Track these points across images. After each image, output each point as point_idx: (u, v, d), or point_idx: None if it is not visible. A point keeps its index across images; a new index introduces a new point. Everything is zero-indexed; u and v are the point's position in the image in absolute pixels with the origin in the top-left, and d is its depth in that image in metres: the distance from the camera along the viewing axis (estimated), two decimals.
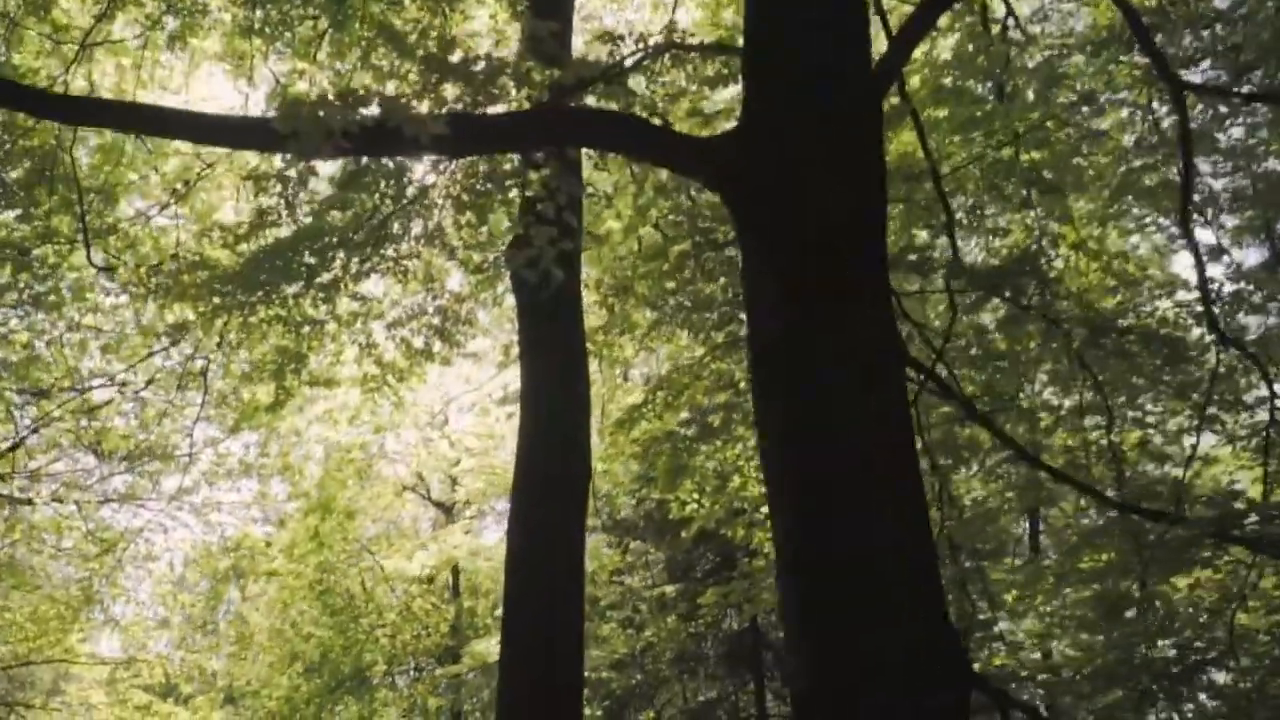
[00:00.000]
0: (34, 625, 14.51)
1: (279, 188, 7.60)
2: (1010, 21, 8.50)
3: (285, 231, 8.26)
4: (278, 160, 7.55)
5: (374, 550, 21.82)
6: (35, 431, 15.03)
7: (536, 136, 5.93)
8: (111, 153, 11.55)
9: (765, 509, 10.44)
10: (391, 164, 7.86)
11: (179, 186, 11.05)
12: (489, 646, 15.37)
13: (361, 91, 5.40)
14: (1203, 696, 8.32)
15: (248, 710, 21.35)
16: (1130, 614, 7.62)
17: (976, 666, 7.88)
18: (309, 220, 8.11)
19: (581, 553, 8.37)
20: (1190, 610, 7.64)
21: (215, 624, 19.37)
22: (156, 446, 13.50)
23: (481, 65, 6.57)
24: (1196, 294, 8.91)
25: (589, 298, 9.82)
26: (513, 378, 15.17)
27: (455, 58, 6.63)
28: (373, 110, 5.80)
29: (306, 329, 8.77)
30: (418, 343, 9.66)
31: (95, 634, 18.14)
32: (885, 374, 4.99)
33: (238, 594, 19.79)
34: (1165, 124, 8.64)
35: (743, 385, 8.79)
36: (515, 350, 11.49)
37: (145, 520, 14.12)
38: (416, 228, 8.26)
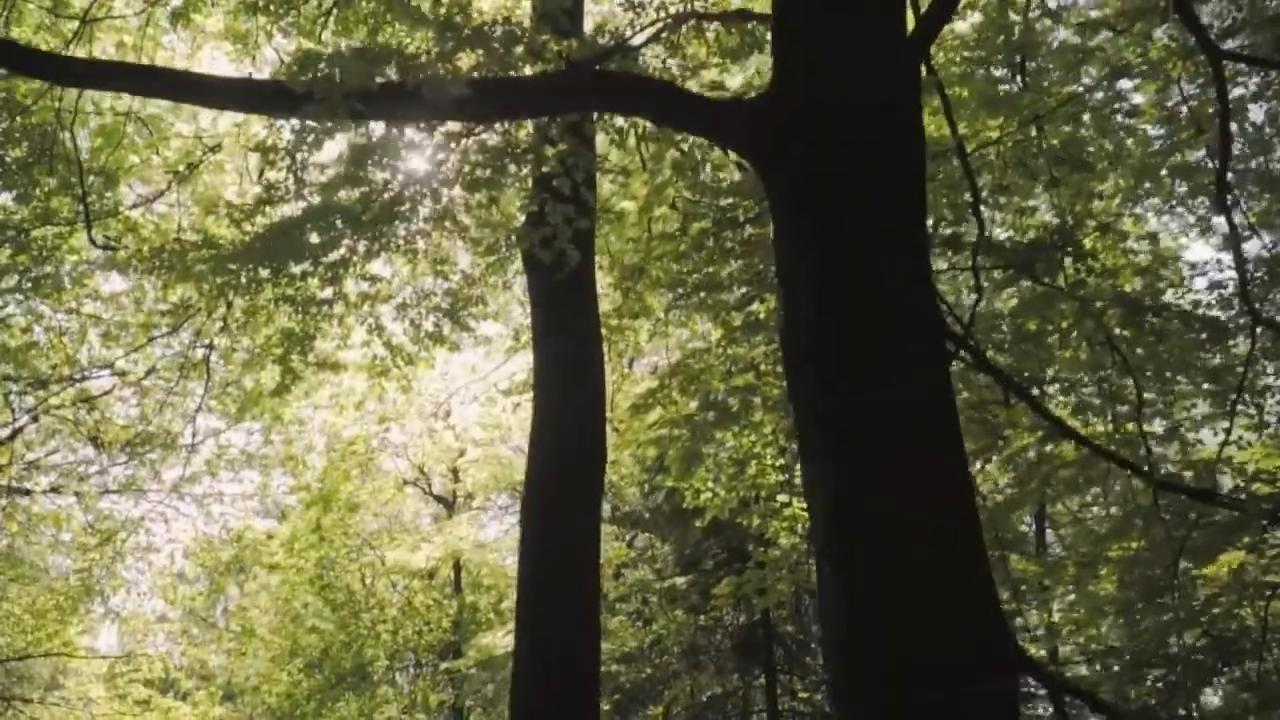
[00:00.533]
0: (32, 617, 14.25)
1: (287, 160, 7.39)
2: None
3: (293, 210, 8.07)
4: (286, 133, 7.33)
5: (375, 545, 21.68)
6: (34, 419, 14.80)
7: (563, 101, 5.69)
8: (112, 135, 11.31)
9: (782, 497, 10.23)
10: (403, 139, 7.67)
11: (181, 169, 10.81)
12: (495, 640, 15.15)
13: (379, 50, 5.18)
14: (1232, 687, 8.13)
15: (247, 707, 21.15)
16: (1163, 601, 7.41)
17: None
18: (317, 199, 7.89)
19: (597, 541, 8.15)
20: (1224, 599, 7.43)
21: (215, 619, 19.14)
22: (158, 436, 13.25)
23: (499, 32, 6.36)
24: (1224, 276, 8.74)
25: (601, 280, 9.61)
26: (519, 367, 14.95)
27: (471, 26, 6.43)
28: (390, 74, 5.60)
29: (313, 310, 8.54)
30: (427, 325, 9.44)
31: (94, 628, 17.94)
32: (927, 338, 4.77)
33: (238, 589, 19.60)
34: (1193, 104, 8.43)
35: (762, 368, 8.57)
36: (526, 336, 11.30)
37: (146, 510, 13.87)
38: (426, 208, 8.04)
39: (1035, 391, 8.31)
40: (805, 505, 10.25)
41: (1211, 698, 8.07)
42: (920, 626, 4.24)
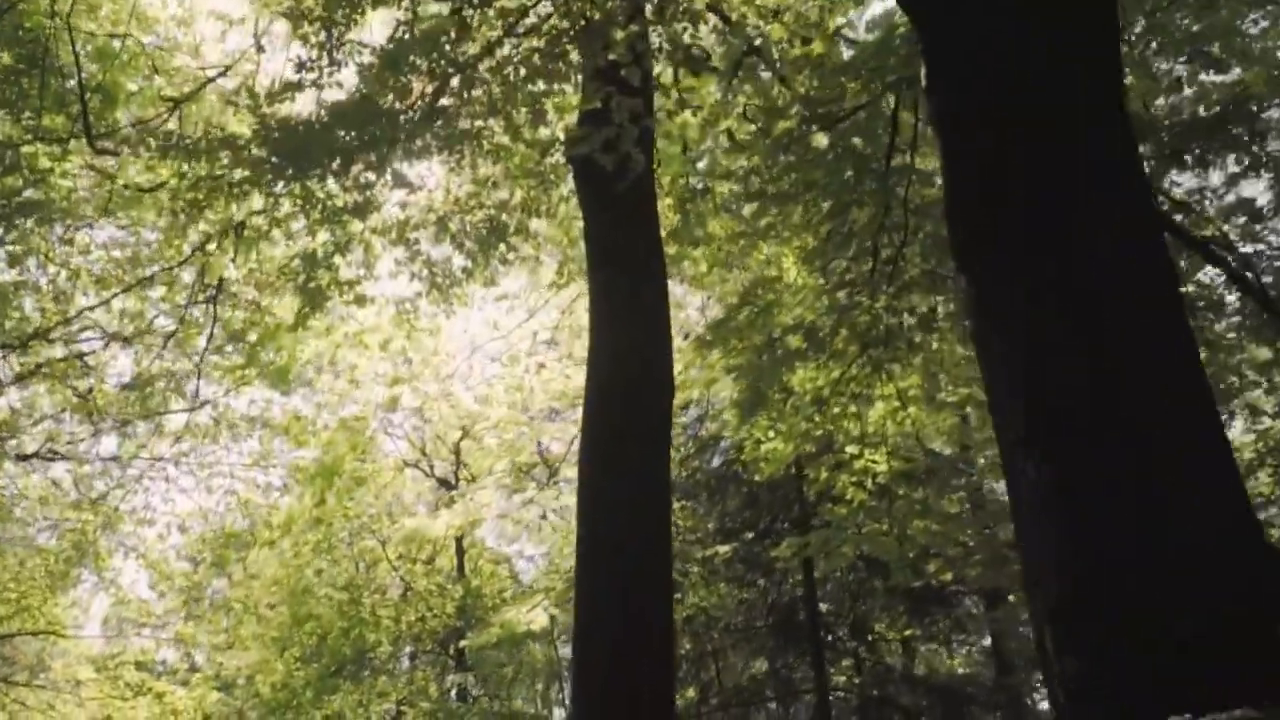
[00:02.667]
0: (15, 585, 13.13)
1: (322, 35, 6.42)
2: None
3: (323, 103, 7.08)
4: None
5: (375, 529, 20.74)
6: (20, 381, 13.72)
7: None
8: (106, 55, 10.30)
9: (852, 449, 9.28)
10: (452, 23, 6.69)
11: (183, 92, 9.80)
12: (518, 615, 14.15)
13: None
14: None
15: (238, 700, 20.17)
16: None
17: None
18: (352, 88, 6.92)
19: (667, 487, 7.16)
20: None
21: (208, 604, 18.07)
22: (155, 394, 12.19)
23: None
24: None
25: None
26: (540, 325, 14.00)
27: None
28: None
29: (341, 223, 7.55)
30: (458, 259, 8.46)
31: (84, 602, 16.88)
32: (1142, 233, 3.89)
33: (231, 577, 18.59)
34: None
35: (856, 285, 7.60)
36: (573, 266, 10.28)
37: (141, 470, 12.78)
38: (473, 104, 7.06)
39: None
40: (882, 455, 9.37)
41: None
42: (1174, 600, 3.31)
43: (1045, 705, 15.72)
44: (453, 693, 21.27)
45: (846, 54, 7.37)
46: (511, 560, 29.14)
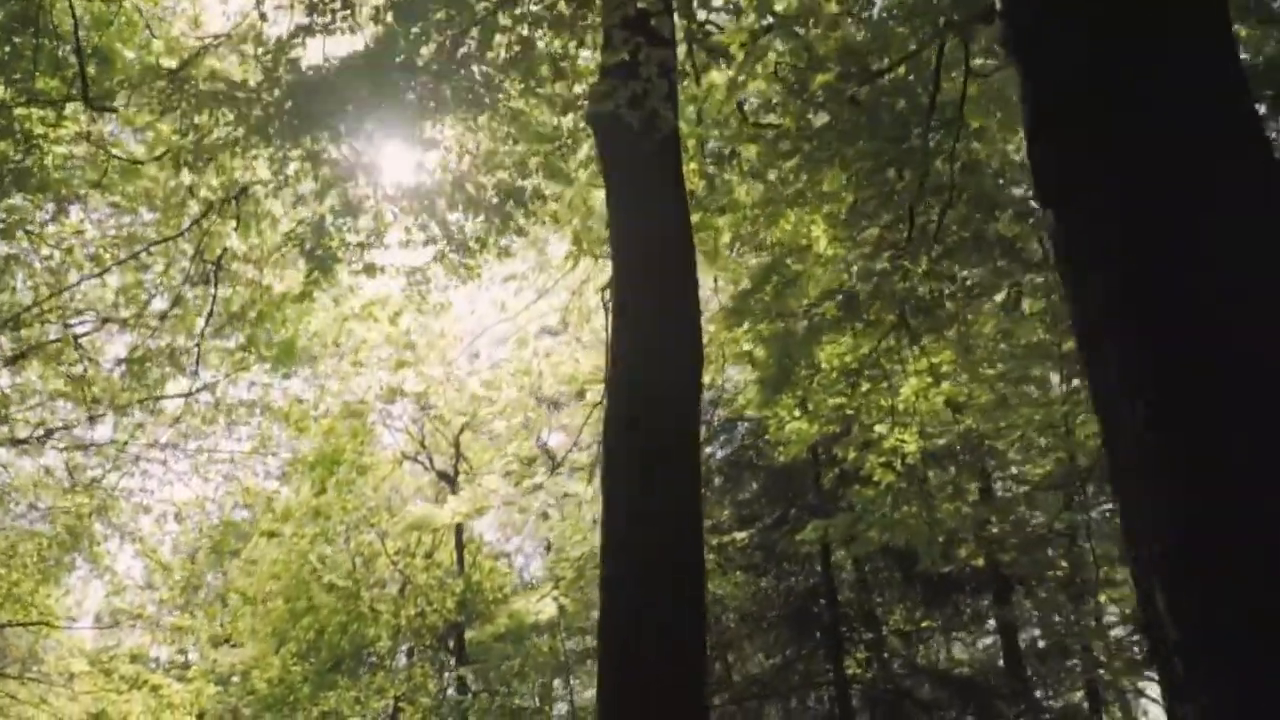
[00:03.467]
0: (6, 574, 12.68)
1: None
2: None
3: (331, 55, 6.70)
4: None
5: (375, 522, 20.37)
6: (12, 364, 13.30)
7: None
8: (102, 23, 9.89)
9: (882, 427, 8.91)
10: None
11: (184, 57, 9.39)
12: (528, 605, 13.76)
13: None
14: None
15: (232, 697, 19.77)
16: None
17: None
18: (366, 33, 6.53)
19: (697, 462, 6.74)
20: None
21: (205, 595, 17.67)
22: (153, 373, 11.76)
23: None
24: None
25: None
26: (550, 308, 13.62)
27: None
28: None
29: (349, 187, 7.15)
30: (472, 227, 8.05)
31: (78, 599, 16.47)
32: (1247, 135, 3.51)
33: (224, 573, 18.20)
34: None
35: (874, 263, 7.23)
36: (595, 233, 9.88)
37: (137, 452, 12.34)
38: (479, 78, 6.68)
39: None
40: (912, 434, 9.01)
41: None
42: None
43: (1056, 703, 15.42)
44: (451, 690, 20.93)
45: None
46: (511, 556, 28.88)
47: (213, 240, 9.47)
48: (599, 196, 9.40)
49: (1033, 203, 6.79)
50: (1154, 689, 12.65)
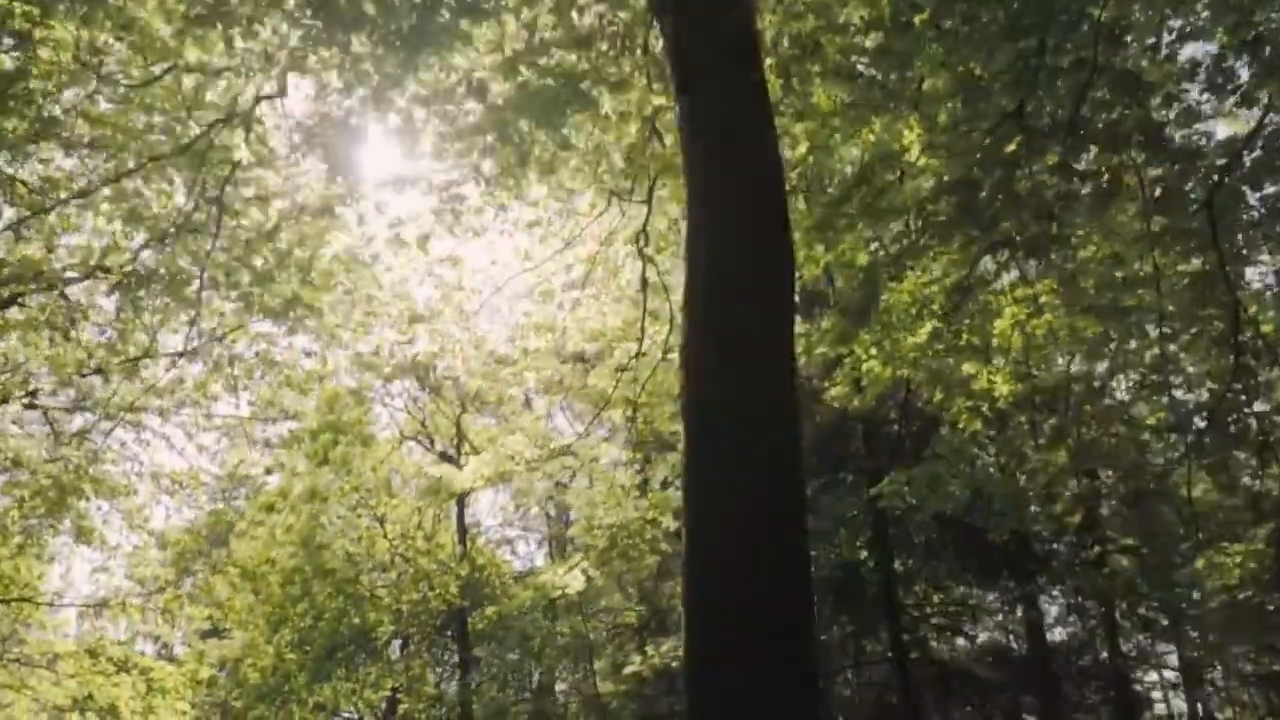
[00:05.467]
0: None
1: None
2: None
3: None
4: None
5: (374, 504, 19.62)
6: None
7: None
8: None
9: (970, 367, 7.95)
10: None
11: None
12: (553, 578, 12.78)
13: None
14: None
15: (222, 690, 18.84)
16: None
17: None
18: None
19: (793, 390, 5.75)
20: None
21: (204, 568, 16.63)
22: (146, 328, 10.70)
23: None
24: None
25: None
26: (575, 259, 12.64)
27: None
28: None
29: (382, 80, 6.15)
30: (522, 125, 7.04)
31: (66, 579, 15.44)
32: None
33: (214, 562, 17.21)
34: None
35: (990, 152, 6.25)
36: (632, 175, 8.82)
37: (123, 418, 11.27)
38: None
39: None
40: (1004, 376, 8.07)
41: None
42: None
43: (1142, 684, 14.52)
44: (453, 684, 20.18)
45: None
46: (512, 543, 27.99)
47: (221, 150, 8.33)
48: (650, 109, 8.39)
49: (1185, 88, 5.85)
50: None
